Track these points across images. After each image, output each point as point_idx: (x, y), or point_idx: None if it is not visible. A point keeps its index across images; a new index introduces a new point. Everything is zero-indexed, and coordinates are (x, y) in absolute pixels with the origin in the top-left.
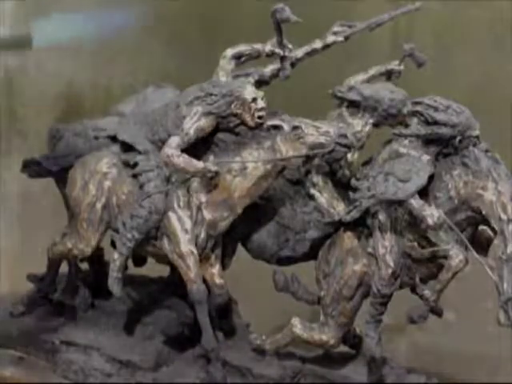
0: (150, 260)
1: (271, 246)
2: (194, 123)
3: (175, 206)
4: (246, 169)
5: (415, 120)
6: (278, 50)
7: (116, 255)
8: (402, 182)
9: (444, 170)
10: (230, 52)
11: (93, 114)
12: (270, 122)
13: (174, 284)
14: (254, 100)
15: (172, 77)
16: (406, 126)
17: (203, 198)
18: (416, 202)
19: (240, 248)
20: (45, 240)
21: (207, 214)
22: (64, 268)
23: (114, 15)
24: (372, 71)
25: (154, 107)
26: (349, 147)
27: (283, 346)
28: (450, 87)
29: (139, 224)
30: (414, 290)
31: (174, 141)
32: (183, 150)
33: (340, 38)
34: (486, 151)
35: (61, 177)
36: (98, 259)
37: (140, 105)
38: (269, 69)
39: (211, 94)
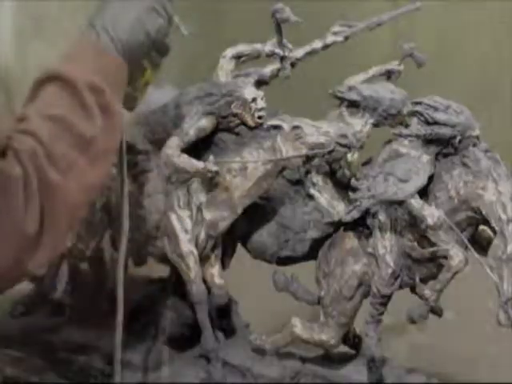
0: (150, 260)
1: (271, 245)
2: (194, 123)
3: (175, 206)
4: (246, 169)
5: (415, 120)
6: (277, 50)
7: None
8: (401, 181)
9: (444, 170)
10: (229, 52)
11: None
12: (270, 122)
13: (174, 284)
14: (254, 100)
15: (171, 77)
16: (406, 126)
17: (203, 197)
18: (416, 202)
19: (240, 248)
20: None
21: (207, 214)
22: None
23: None
24: (372, 71)
25: (154, 107)
26: (349, 147)
27: (283, 345)
28: (450, 87)
29: None
30: (413, 289)
31: (174, 141)
32: (183, 150)
33: (340, 38)
34: (486, 151)
35: None
36: (98, 260)
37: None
38: (269, 69)
39: (211, 94)
